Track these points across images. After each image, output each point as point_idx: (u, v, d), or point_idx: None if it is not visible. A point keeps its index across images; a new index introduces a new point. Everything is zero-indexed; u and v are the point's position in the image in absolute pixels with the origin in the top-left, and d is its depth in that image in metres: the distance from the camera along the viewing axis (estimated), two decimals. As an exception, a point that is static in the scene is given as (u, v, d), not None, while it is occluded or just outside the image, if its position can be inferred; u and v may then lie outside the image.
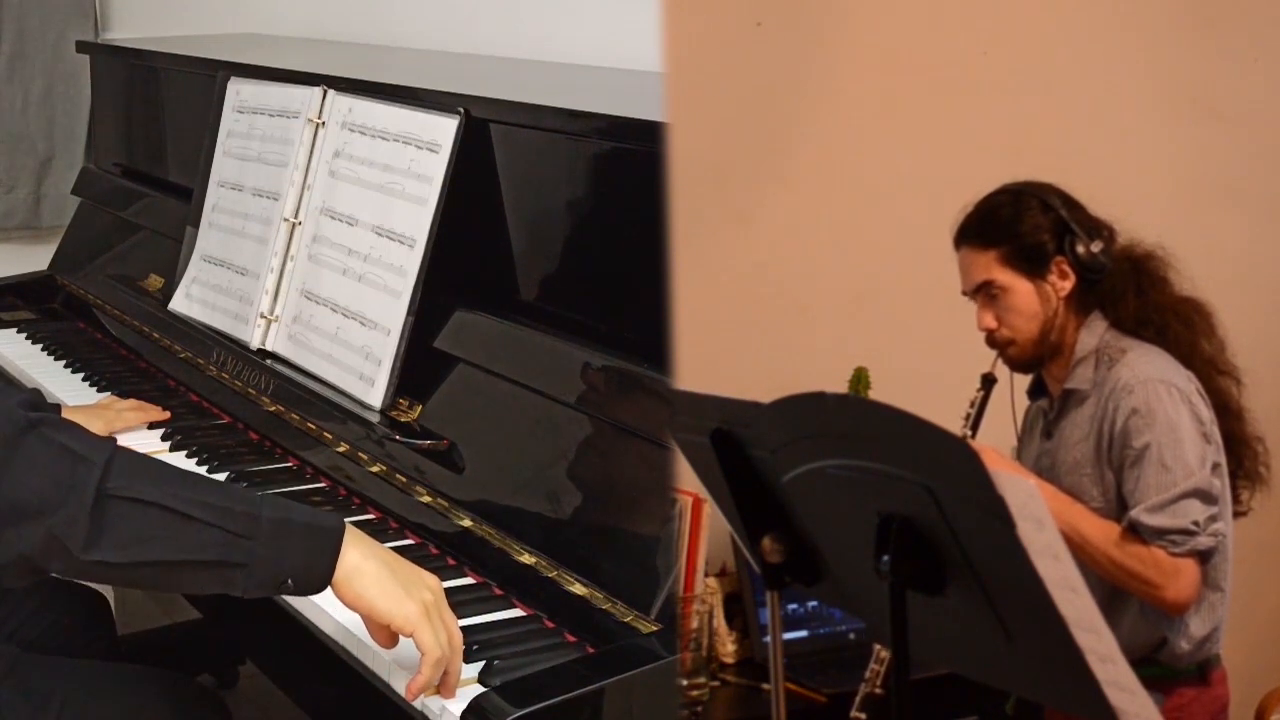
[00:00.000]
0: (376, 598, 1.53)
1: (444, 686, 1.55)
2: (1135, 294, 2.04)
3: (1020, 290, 2.04)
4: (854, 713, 2.06)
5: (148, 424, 2.33)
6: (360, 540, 1.57)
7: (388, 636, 1.57)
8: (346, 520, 1.58)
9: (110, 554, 1.48)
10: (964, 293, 2.09)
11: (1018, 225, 2.03)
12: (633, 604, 1.65)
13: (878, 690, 2.04)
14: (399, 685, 1.60)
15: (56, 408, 2.00)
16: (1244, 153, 2.73)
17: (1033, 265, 2.03)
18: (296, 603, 1.79)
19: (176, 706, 1.92)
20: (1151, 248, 2.07)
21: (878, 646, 2.09)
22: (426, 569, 1.82)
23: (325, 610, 1.74)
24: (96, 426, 2.19)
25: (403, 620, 1.53)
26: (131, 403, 2.40)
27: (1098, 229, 2.05)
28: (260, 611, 1.84)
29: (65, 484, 1.48)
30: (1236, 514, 2.04)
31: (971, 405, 2.06)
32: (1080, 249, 2.02)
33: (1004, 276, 2.04)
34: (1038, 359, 2.08)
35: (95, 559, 1.48)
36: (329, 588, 1.54)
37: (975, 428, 2.06)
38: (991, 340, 2.07)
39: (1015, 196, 2.06)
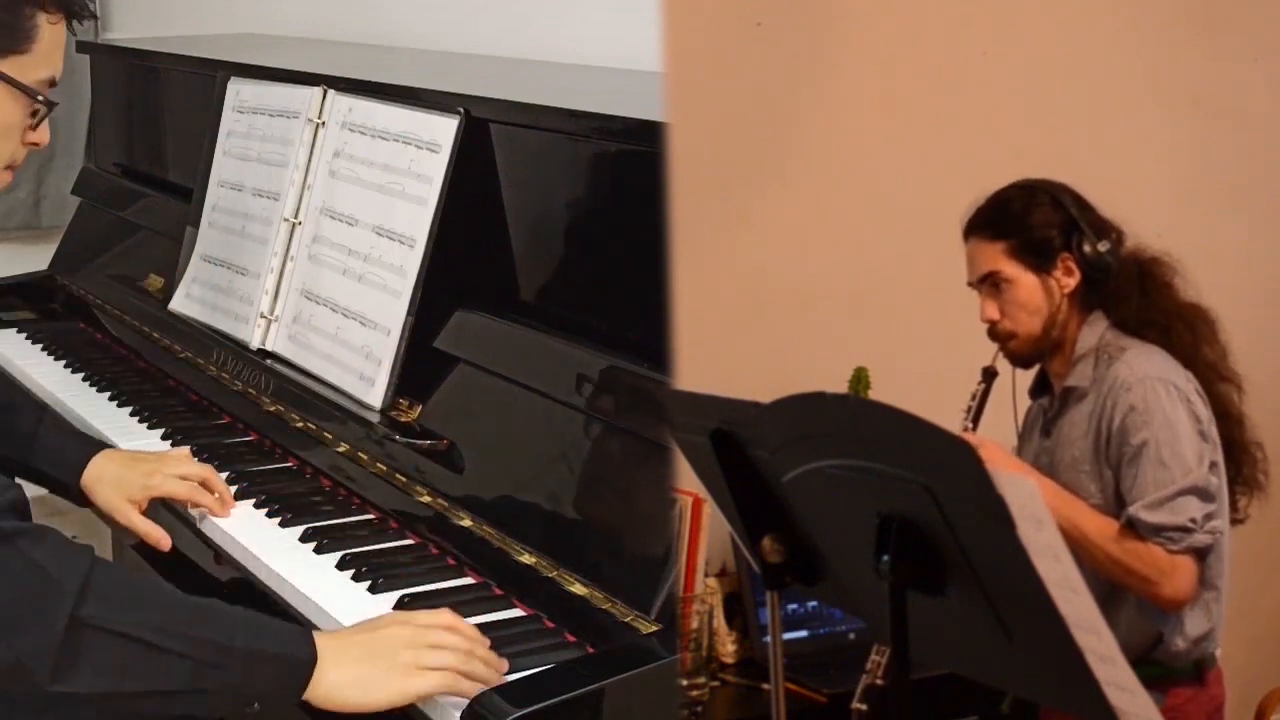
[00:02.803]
0: (364, 699, 1.53)
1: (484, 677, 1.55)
2: (1139, 296, 2.06)
3: (1025, 283, 2.06)
4: (855, 704, 2.06)
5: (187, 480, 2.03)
6: (332, 651, 1.53)
7: None
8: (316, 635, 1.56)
9: (79, 685, 1.43)
10: (969, 283, 2.10)
11: (1027, 219, 2.06)
12: (633, 604, 1.64)
13: (879, 681, 2.05)
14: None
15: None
16: (1244, 153, 2.73)
17: (1039, 259, 2.05)
18: (298, 603, 1.80)
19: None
20: (1159, 253, 2.09)
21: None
22: (426, 569, 1.84)
23: (327, 612, 1.74)
24: (135, 476, 2.02)
25: (400, 700, 1.53)
26: (183, 464, 2.05)
27: (1106, 230, 2.06)
28: (261, 611, 1.83)
29: (35, 606, 1.43)
30: (1234, 521, 2.05)
31: (973, 398, 2.08)
32: (1087, 247, 2.04)
33: (1010, 268, 2.06)
34: (1038, 354, 2.09)
35: (61, 690, 1.42)
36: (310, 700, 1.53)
37: (976, 421, 2.07)
38: (993, 332, 2.08)
39: (1027, 191, 2.08)
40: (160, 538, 1.98)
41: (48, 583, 1.44)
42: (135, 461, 2.07)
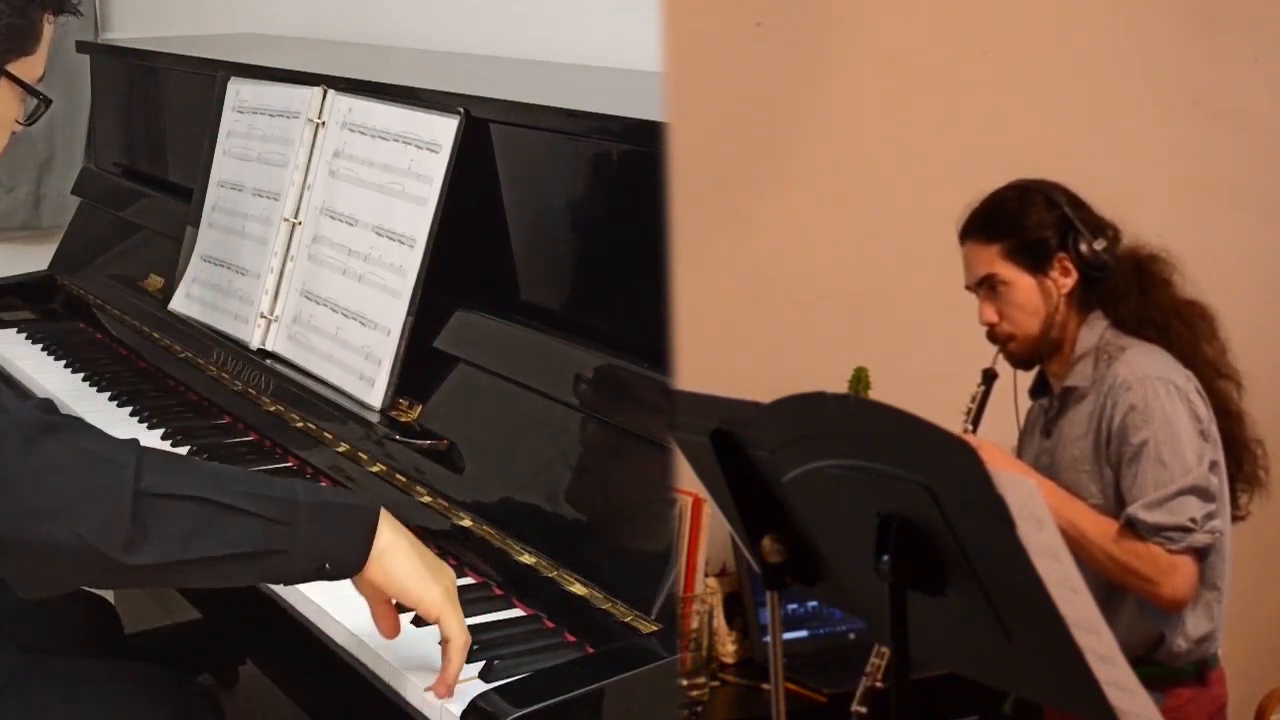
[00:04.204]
0: (407, 577, 1.53)
1: (442, 683, 1.55)
2: (1138, 294, 2.06)
3: (1022, 285, 2.05)
4: (855, 706, 2.06)
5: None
6: (391, 520, 1.56)
7: (393, 624, 1.58)
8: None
9: (154, 555, 1.44)
10: (967, 286, 2.10)
11: (1022, 220, 2.05)
12: (633, 604, 1.64)
13: (879, 684, 2.05)
14: (399, 686, 1.60)
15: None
16: (1244, 153, 2.73)
17: (1035, 261, 2.05)
18: (297, 603, 1.79)
19: (175, 707, 1.91)
20: (1157, 250, 2.09)
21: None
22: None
23: (326, 611, 1.74)
24: None
25: (430, 603, 1.53)
26: None
27: (1102, 228, 2.06)
28: (261, 612, 1.84)
29: (95, 488, 1.44)
30: (1235, 518, 2.05)
31: (972, 400, 2.07)
32: (1083, 247, 2.04)
33: (1006, 271, 2.06)
34: (1038, 355, 2.09)
35: (138, 562, 1.44)
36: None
37: (976, 423, 2.07)
38: (993, 335, 2.09)
39: (1021, 192, 2.08)
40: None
41: (102, 464, 1.45)
42: None
